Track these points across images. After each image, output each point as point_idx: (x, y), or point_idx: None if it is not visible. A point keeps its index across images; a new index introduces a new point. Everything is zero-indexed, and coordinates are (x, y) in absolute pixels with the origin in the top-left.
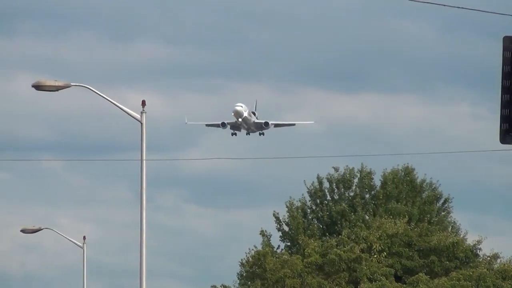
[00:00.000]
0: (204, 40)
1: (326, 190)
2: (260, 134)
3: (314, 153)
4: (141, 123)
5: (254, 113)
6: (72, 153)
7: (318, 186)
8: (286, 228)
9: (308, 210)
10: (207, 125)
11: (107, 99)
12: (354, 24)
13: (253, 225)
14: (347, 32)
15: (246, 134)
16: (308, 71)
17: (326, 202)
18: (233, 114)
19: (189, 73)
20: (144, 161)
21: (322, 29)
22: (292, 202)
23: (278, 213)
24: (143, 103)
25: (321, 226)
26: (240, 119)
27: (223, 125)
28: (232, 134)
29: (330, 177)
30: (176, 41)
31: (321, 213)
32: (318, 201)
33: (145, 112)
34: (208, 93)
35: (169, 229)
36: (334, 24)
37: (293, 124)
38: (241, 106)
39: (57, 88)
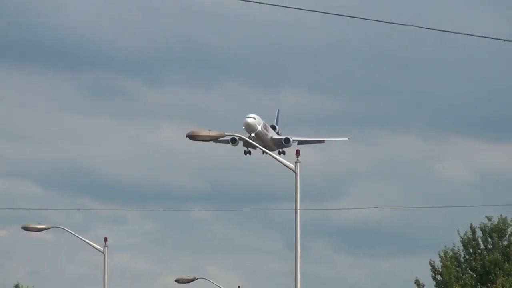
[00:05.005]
0: (350, 89)
1: (480, 239)
2: (280, 153)
3: (465, 202)
4: (295, 173)
5: (274, 127)
6: (223, 203)
7: (471, 235)
8: (439, 277)
9: (462, 260)
10: (214, 141)
11: (262, 149)
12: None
13: (406, 275)
14: (497, 79)
15: (263, 153)
16: (456, 120)
17: (479, 252)
18: (243, 127)
19: (336, 122)
20: (299, 210)
21: (469, 77)
22: (446, 251)
23: (434, 262)
24: (297, 153)
25: (474, 275)
26: (252, 134)
27: (233, 141)
28: (246, 153)
29: (484, 226)
30: (321, 89)
31: (474, 262)
32: (471, 250)
33: (300, 162)
34: (355, 142)
35: (321, 279)
36: (481, 72)
37: (322, 141)
38: (254, 118)
39: (211, 138)
